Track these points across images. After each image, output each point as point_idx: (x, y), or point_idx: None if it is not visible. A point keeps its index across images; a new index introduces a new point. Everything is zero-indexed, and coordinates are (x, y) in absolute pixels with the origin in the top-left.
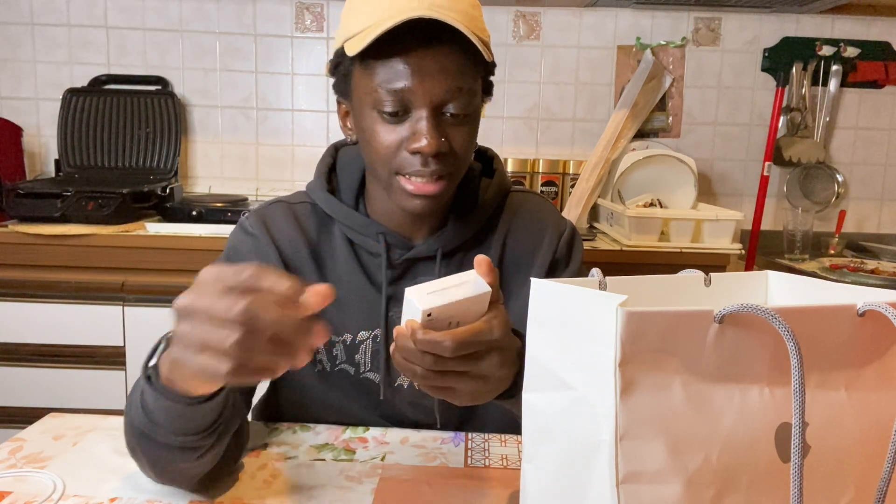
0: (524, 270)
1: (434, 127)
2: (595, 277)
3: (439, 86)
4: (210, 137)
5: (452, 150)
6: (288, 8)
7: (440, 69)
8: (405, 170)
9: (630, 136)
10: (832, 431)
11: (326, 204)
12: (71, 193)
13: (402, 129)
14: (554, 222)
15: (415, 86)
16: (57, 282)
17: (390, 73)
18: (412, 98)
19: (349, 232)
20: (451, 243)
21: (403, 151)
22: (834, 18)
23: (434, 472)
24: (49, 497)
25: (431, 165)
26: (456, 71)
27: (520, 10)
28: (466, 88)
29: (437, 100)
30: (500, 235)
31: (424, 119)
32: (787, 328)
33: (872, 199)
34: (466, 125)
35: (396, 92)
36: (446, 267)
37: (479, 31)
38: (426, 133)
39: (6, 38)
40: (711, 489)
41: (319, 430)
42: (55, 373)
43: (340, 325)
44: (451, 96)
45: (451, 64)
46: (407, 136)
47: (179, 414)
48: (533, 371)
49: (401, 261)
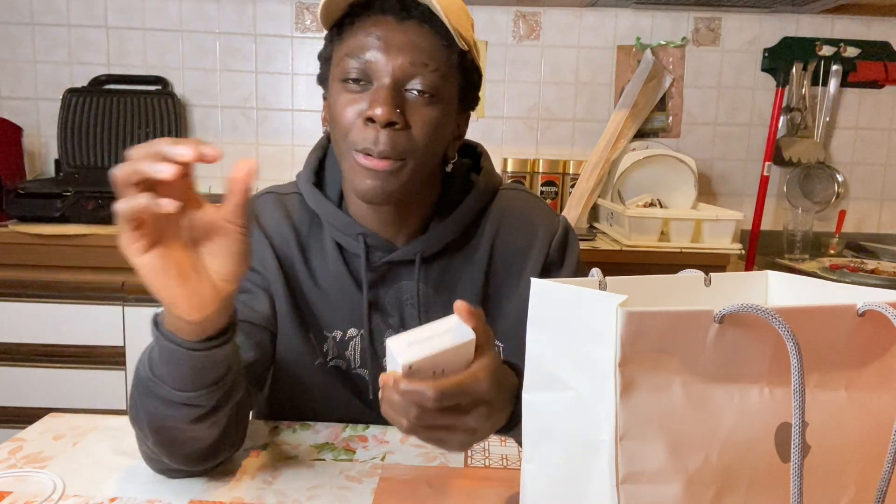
0: (515, 274)
1: (392, 96)
2: (595, 277)
3: (405, 59)
4: (210, 137)
5: (408, 128)
6: (288, 8)
7: (408, 42)
8: (359, 145)
9: (630, 136)
10: (832, 431)
11: (312, 199)
12: (71, 193)
13: (363, 100)
14: (545, 221)
15: (380, 56)
16: (57, 282)
17: (358, 42)
18: (376, 68)
19: (331, 230)
20: (432, 247)
21: (359, 123)
22: (834, 18)
23: (434, 472)
24: (49, 497)
25: (381, 141)
26: (425, 48)
27: (520, 10)
28: (434, 67)
29: (400, 73)
30: (487, 238)
31: (384, 88)
32: (787, 328)
33: (872, 199)
34: (431, 106)
35: (361, 60)
36: (427, 271)
37: (459, 24)
38: (381, 99)
39: (6, 38)
40: (711, 489)
41: (319, 429)
42: (55, 373)
43: (330, 321)
44: (417, 71)
45: (421, 40)
46: (363, 108)
47: (181, 361)
48: (533, 371)
49: (380, 263)
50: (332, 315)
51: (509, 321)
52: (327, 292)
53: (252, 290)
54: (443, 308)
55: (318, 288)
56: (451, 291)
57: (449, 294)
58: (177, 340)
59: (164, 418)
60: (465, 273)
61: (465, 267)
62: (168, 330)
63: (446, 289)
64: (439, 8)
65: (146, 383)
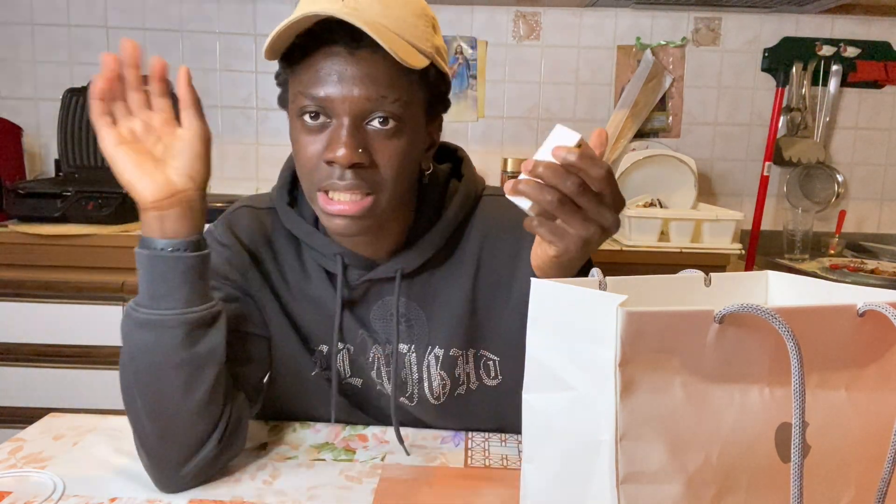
0: (506, 282)
1: (352, 136)
2: (595, 277)
3: (361, 93)
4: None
5: (374, 165)
6: (288, 8)
7: (363, 75)
8: (323, 183)
9: (630, 136)
10: (832, 431)
11: (287, 219)
12: (71, 193)
13: (322, 138)
14: None
15: (334, 92)
16: (57, 282)
17: (311, 77)
18: (332, 105)
19: (309, 251)
20: (414, 262)
21: (322, 164)
22: (834, 18)
23: (434, 471)
24: (49, 497)
25: (347, 178)
26: (382, 78)
27: (520, 10)
28: (393, 98)
29: (358, 108)
30: (473, 248)
31: (344, 128)
32: (787, 328)
33: (872, 199)
34: (396, 139)
35: (317, 98)
36: (409, 287)
37: (415, 38)
38: (342, 142)
39: (6, 38)
40: (711, 489)
41: (319, 429)
42: (55, 373)
43: (317, 336)
44: (376, 105)
45: (376, 71)
46: (324, 148)
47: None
48: (533, 371)
49: (360, 282)
50: (317, 330)
51: (503, 332)
52: (310, 309)
53: (240, 298)
54: (428, 322)
55: (301, 304)
56: (435, 306)
57: (434, 309)
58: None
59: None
60: (451, 284)
61: (451, 278)
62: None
63: (431, 304)
64: (384, 43)
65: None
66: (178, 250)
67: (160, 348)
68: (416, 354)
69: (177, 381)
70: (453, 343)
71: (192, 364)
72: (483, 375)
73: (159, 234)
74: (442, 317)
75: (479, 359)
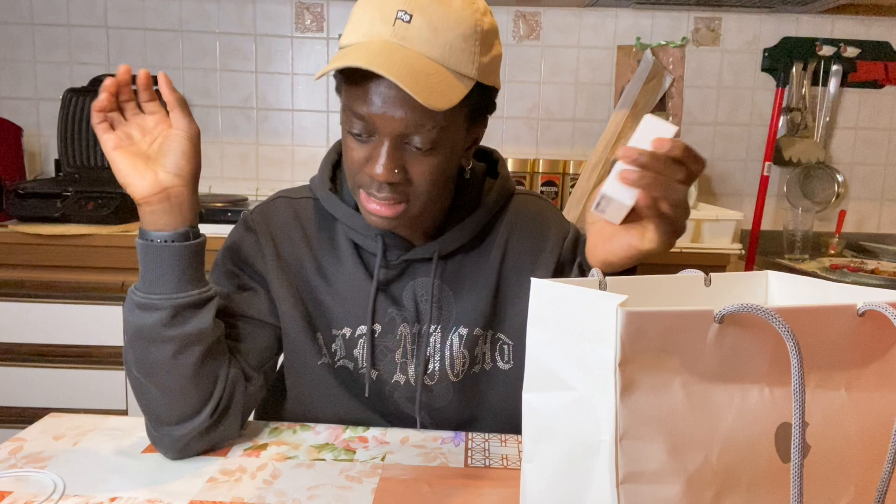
0: (527, 274)
1: (390, 156)
2: (595, 277)
3: (401, 119)
4: (210, 137)
5: (408, 180)
6: (288, 8)
7: (404, 102)
8: (365, 187)
9: (630, 135)
10: (832, 431)
11: (328, 203)
12: (71, 193)
13: (367, 148)
14: (557, 224)
15: (377, 115)
16: (57, 282)
17: (357, 98)
18: (376, 125)
19: (350, 232)
20: (449, 246)
21: (365, 171)
22: (834, 18)
23: (434, 472)
24: (49, 497)
25: (384, 191)
26: (419, 105)
27: (520, 10)
28: (431, 126)
29: (397, 132)
30: (501, 238)
31: (383, 147)
32: (787, 328)
33: (872, 199)
34: (431, 157)
35: (360, 115)
36: (443, 268)
37: (460, 64)
38: (381, 162)
39: (6, 38)
40: (711, 489)
41: (320, 430)
42: (55, 373)
43: (341, 319)
44: (414, 130)
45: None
46: (367, 158)
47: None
48: (533, 371)
49: (398, 262)
50: (343, 313)
51: (520, 319)
52: (339, 290)
53: (253, 287)
54: (456, 304)
55: (330, 287)
56: (464, 288)
57: (462, 290)
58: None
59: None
60: (479, 268)
61: (480, 262)
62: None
63: (460, 285)
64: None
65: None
66: (166, 241)
67: (150, 327)
68: (440, 333)
69: (166, 355)
70: (477, 323)
71: (180, 341)
72: (498, 358)
73: (151, 227)
74: (469, 298)
75: (496, 341)
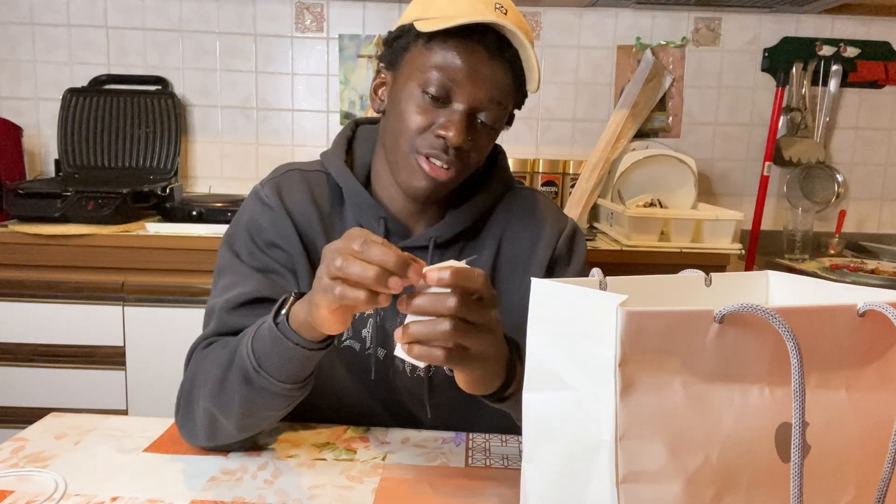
0: (521, 267)
1: (465, 124)
2: (595, 277)
3: (484, 92)
4: (210, 137)
5: (469, 151)
6: (288, 8)
7: (490, 78)
8: (425, 149)
9: (630, 136)
10: (832, 431)
11: (340, 176)
12: (71, 193)
13: (436, 113)
14: (553, 219)
15: (464, 82)
16: (57, 282)
17: (448, 61)
18: (457, 91)
19: (354, 210)
20: (445, 234)
21: (429, 133)
22: (834, 18)
23: (435, 471)
24: (51, 496)
25: (450, 154)
26: (502, 86)
27: (520, 10)
28: (504, 105)
29: (477, 103)
30: (496, 231)
31: (461, 114)
32: (788, 328)
33: (872, 199)
34: (489, 135)
35: (447, 79)
36: (440, 256)
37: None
38: (457, 125)
39: (6, 38)
40: (711, 489)
41: (321, 430)
42: (55, 373)
43: None
44: (488, 106)
45: (501, 78)
46: (439, 122)
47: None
48: (533, 371)
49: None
50: None
51: (513, 314)
52: None
53: (279, 271)
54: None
55: None
56: None
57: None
58: (302, 342)
59: (258, 405)
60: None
61: (475, 253)
62: (294, 331)
63: None
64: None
65: (249, 375)
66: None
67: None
68: None
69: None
70: None
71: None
72: None
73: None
74: None
75: None
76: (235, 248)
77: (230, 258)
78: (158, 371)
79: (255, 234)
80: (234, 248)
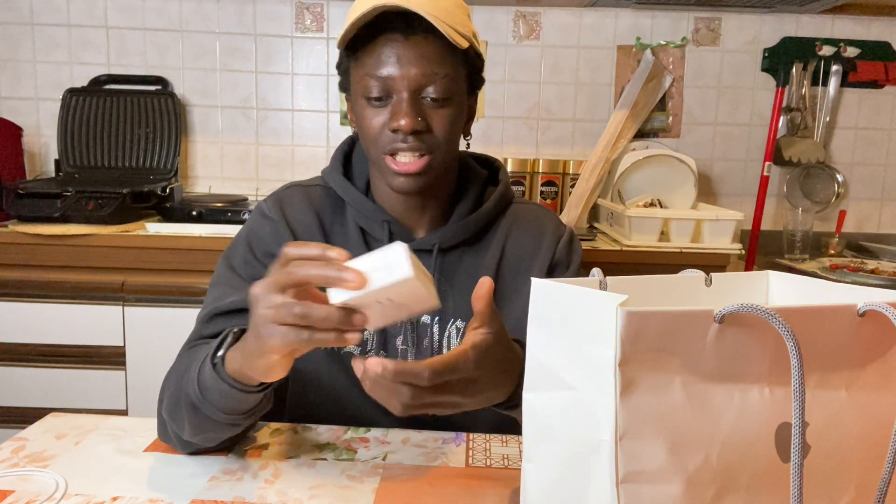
0: (524, 273)
1: (412, 108)
2: (595, 277)
3: (417, 71)
4: (210, 137)
5: (430, 130)
6: (288, 8)
7: (417, 56)
8: (388, 147)
9: (630, 136)
10: (832, 431)
11: (341, 187)
12: (71, 193)
13: (385, 111)
14: (553, 227)
15: (395, 72)
16: (57, 282)
17: (374, 61)
18: (393, 83)
19: (358, 216)
20: (449, 241)
21: (387, 131)
22: (834, 18)
23: (435, 471)
24: (51, 496)
25: (410, 142)
26: (433, 58)
27: (520, 10)
28: (443, 74)
29: (415, 84)
30: (499, 239)
31: (404, 101)
32: (788, 328)
33: (872, 199)
34: (445, 108)
35: (380, 78)
36: (442, 261)
37: (456, 24)
38: (404, 113)
39: (6, 38)
40: (711, 489)
41: (321, 431)
42: (55, 373)
43: None
44: (429, 81)
45: (429, 51)
46: (389, 118)
47: (234, 398)
48: (533, 371)
49: None
50: None
51: (515, 318)
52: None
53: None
54: (453, 297)
55: None
56: (462, 282)
57: (460, 285)
58: (237, 386)
59: (206, 428)
60: (477, 265)
61: (478, 260)
62: (230, 376)
63: (458, 280)
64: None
65: (194, 402)
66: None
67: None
68: (438, 326)
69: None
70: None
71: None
72: None
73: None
74: (466, 292)
75: None
76: (232, 261)
77: (224, 270)
78: (158, 371)
79: (255, 244)
80: (231, 261)
